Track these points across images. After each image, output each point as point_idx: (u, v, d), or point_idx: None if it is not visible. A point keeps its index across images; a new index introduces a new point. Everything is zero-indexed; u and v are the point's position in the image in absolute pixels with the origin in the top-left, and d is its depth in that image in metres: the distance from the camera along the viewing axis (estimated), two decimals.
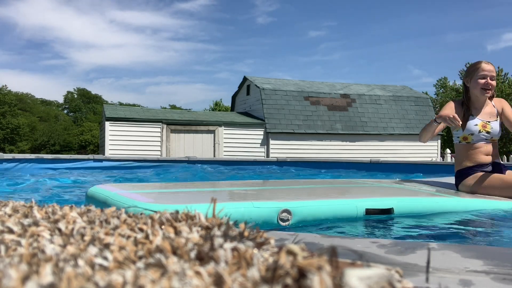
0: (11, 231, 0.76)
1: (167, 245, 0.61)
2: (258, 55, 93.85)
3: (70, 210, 1.00)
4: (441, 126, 2.95)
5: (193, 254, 0.59)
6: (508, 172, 2.93)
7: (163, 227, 0.77)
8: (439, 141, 16.20)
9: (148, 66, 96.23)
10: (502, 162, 3.00)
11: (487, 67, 2.92)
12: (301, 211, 2.02)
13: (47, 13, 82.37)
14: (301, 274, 0.47)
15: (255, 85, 15.38)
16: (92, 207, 1.04)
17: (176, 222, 0.80)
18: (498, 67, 32.93)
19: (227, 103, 37.40)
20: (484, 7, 67.39)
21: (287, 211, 1.97)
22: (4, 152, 32.92)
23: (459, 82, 36.05)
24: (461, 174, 2.97)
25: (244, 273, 0.50)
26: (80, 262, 0.53)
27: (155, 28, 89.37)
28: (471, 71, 2.98)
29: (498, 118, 3.01)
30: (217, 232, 0.71)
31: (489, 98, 3.04)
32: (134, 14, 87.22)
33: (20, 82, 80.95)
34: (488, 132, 2.94)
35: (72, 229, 0.77)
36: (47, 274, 0.46)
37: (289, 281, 0.47)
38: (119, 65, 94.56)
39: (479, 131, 2.93)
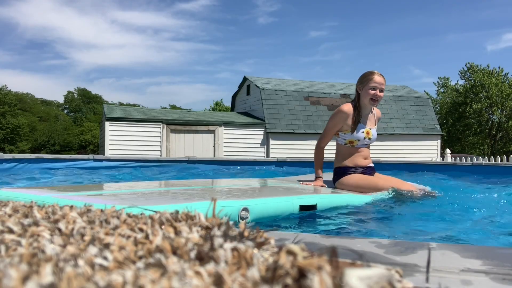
0: (11, 231, 0.76)
1: (167, 245, 0.61)
2: (258, 55, 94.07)
3: (70, 210, 1.00)
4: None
5: (193, 254, 0.59)
6: (376, 174, 3.26)
7: (163, 227, 0.77)
8: (439, 141, 16.19)
9: (149, 66, 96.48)
10: (372, 165, 3.32)
11: (379, 79, 3.12)
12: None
13: (49, 13, 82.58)
14: (301, 274, 0.47)
15: (255, 85, 15.37)
16: (92, 207, 1.04)
17: (176, 222, 0.80)
18: (499, 67, 32.96)
19: (228, 103, 37.40)
20: (484, 7, 67.36)
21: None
22: (4, 152, 32.92)
23: (460, 82, 36.10)
24: (340, 172, 3.22)
25: (244, 273, 0.50)
26: (80, 262, 0.53)
27: (156, 28, 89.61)
28: (364, 80, 3.17)
29: (376, 125, 3.34)
30: (217, 232, 0.71)
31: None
32: (136, 14, 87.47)
33: (21, 82, 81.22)
34: (369, 139, 3.25)
35: (72, 229, 0.77)
36: (47, 274, 0.46)
37: (289, 281, 0.47)
38: (120, 65, 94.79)
39: (364, 138, 3.21)
